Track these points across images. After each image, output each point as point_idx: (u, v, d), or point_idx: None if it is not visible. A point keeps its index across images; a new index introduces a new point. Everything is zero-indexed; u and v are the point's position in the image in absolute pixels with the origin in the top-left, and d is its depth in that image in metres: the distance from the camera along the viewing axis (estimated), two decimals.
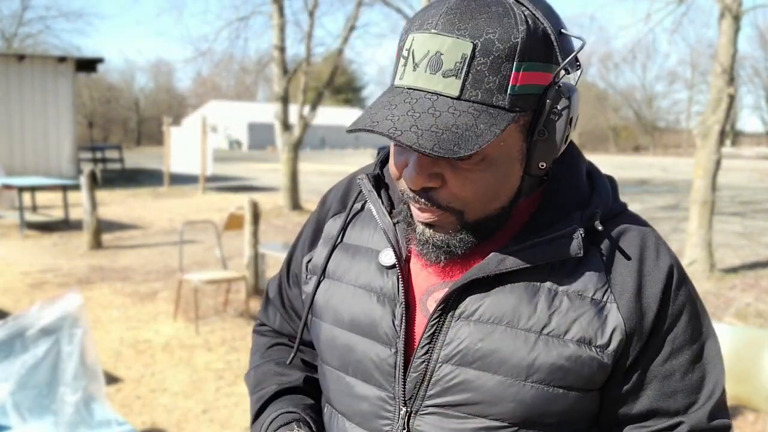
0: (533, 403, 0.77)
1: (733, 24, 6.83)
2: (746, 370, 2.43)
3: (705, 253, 7.01)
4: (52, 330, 2.80)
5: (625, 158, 36.95)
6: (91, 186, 8.07)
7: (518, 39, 0.70)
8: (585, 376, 0.77)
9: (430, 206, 0.77)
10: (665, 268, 0.80)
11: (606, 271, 0.79)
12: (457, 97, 0.70)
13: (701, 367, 0.81)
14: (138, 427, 3.33)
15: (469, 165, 0.73)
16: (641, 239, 0.82)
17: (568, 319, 0.77)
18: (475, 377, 0.78)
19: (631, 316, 0.78)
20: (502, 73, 0.70)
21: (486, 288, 0.79)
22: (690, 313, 0.81)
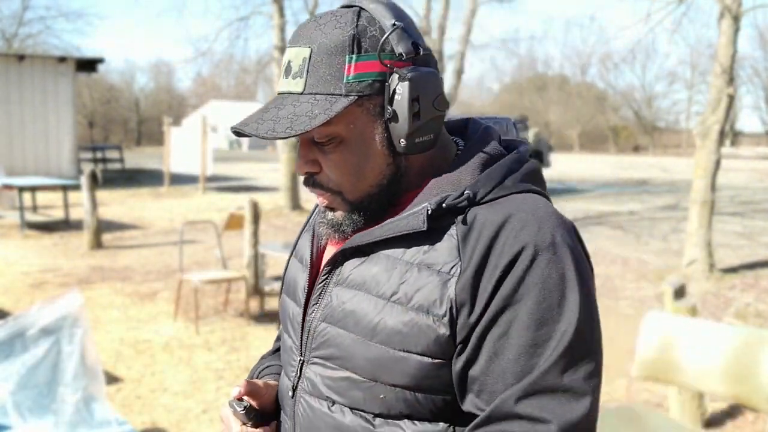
0: (378, 362, 0.85)
1: (732, 24, 6.83)
2: (746, 370, 2.43)
3: (704, 253, 7.02)
4: (52, 330, 2.81)
5: (624, 158, 36.93)
6: (92, 186, 8.08)
7: (346, 37, 0.84)
8: (422, 342, 0.83)
9: (315, 189, 0.91)
10: (516, 247, 0.81)
11: (460, 248, 0.83)
12: (301, 93, 0.85)
13: (537, 353, 0.79)
14: (138, 426, 3.33)
15: (331, 148, 0.87)
16: (504, 220, 0.83)
17: (413, 288, 0.84)
18: (337, 335, 0.89)
19: (464, 290, 0.81)
20: (335, 66, 0.84)
21: (362, 256, 0.90)
22: (541, 297, 0.80)
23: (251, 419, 0.97)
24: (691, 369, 2.54)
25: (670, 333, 2.62)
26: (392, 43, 0.85)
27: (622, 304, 5.84)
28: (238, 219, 5.66)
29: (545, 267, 0.81)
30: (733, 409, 3.59)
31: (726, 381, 2.47)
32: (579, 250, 0.86)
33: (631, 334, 4.70)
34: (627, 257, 7.94)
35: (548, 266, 0.81)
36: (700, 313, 4.92)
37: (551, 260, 0.81)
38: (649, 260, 7.81)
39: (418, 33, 0.90)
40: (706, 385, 2.57)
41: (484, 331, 0.81)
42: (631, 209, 12.89)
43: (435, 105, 0.86)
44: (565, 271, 0.82)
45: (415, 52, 0.85)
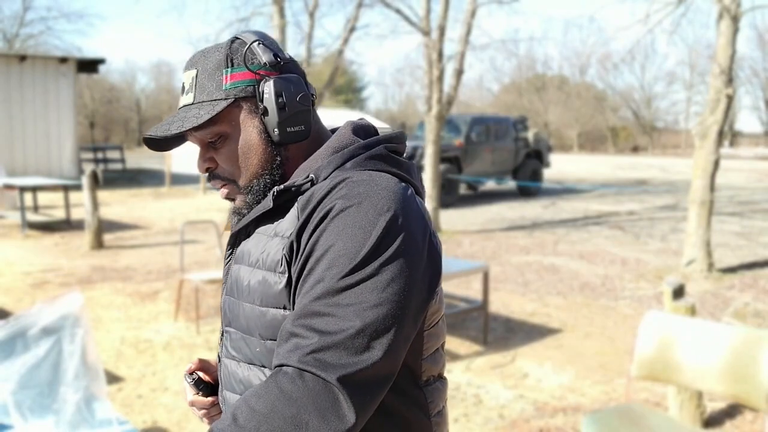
0: (248, 317, 1.03)
1: (731, 25, 6.84)
2: (744, 370, 2.44)
3: (703, 253, 7.03)
4: (53, 330, 2.82)
5: (623, 158, 36.91)
6: (93, 186, 8.09)
7: (223, 56, 1.06)
8: (272, 295, 1.00)
9: (216, 182, 1.10)
10: (327, 207, 0.95)
11: (299, 216, 0.99)
12: (191, 103, 1.06)
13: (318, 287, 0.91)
14: (139, 426, 3.34)
15: (219, 145, 1.07)
16: (325, 190, 0.98)
17: (265, 253, 1.03)
18: (229, 302, 1.10)
19: (290, 246, 0.98)
20: (216, 78, 1.05)
21: (246, 237, 1.10)
22: (335, 245, 0.92)
23: (201, 390, 1.17)
24: (690, 368, 2.55)
25: (669, 333, 2.63)
26: (258, 57, 1.06)
27: (621, 304, 5.85)
28: None
29: (345, 218, 0.94)
30: (732, 408, 3.60)
31: (725, 380, 2.48)
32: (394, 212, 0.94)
33: (630, 334, 4.72)
34: (626, 257, 7.95)
35: (347, 217, 0.93)
36: (699, 313, 4.93)
37: (352, 213, 0.93)
38: (648, 260, 7.82)
39: (279, 48, 1.10)
40: (705, 385, 2.58)
41: (297, 277, 0.97)
42: (630, 209, 12.90)
43: (299, 101, 1.06)
44: (365, 223, 0.93)
45: (276, 61, 1.06)
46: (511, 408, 3.61)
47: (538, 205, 13.42)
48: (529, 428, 3.38)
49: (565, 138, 48.35)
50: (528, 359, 4.39)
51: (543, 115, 47.15)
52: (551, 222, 10.99)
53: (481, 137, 14.68)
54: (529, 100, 48.43)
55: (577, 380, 4.06)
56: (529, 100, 48.17)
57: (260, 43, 1.07)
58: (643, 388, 3.84)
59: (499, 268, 7.13)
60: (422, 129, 13.41)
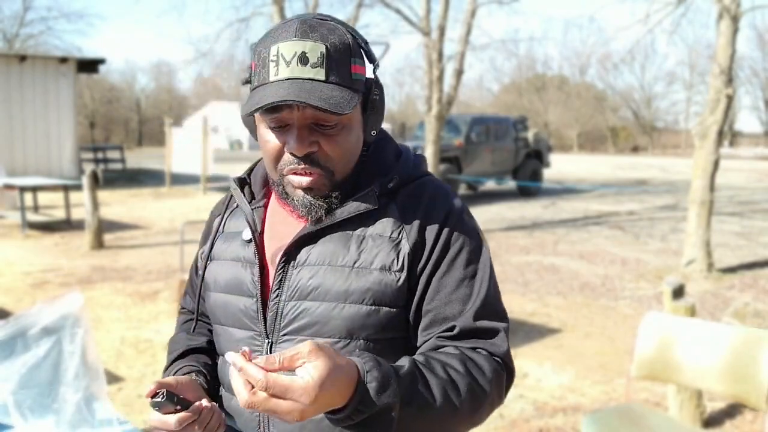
0: (353, 319, 1.02)
1: (731, 25, 6.84)
2: (744, 370, 2.44)
3: (703, 252, 7.03)
4: (53, 329, 2.81)
5: (623, 158, 36.91)
6: (93, 186, 8.09)
7: (349, 42, 1.02)
8: (388, 294, 1.03)
9: (312, 167, 1.03)
10: (443, 211, 1.08)
11: (400, 217, 1.06)
12: (324, 81, 0.98)
13: (470, 284, 1.06)
14: (139, 426, 3.35)
15: (335, 131, 1.02)
16: (428, 193, 1.10)
17: (372, 254, 1.04)
18: (310, 306, 1.04)
19: (415, 245, 1.05)
20: (346, 64, 1.01)
21: (314, 241, 1.07)
22: (463, 244, 1.07)
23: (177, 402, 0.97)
24: (690, 368, 2.55)
25: (669, 333, 2.63)
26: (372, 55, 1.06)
27: (621, 304, 5.85)
28: None
29: (463, 222, 1.10)
30: (732, 408, 3.60)
31: (725, 380, 2.48)
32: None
33: (630, 334, 4.72)
34: (626, 257, 7.95)
35: (466, 222, 1.10)
36: (699, 313, 4.93)
37: (466, 219, 1.11)
38: (648, 260, 7.82)
39: None
40: (704, 385, 2.58)
41: (431, 273, 1.06)
42: (630, 209, 12.90)
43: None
44: (475, 226, 1.12)
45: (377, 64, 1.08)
46: (510, 408, 3.61)
47: (538, 205, 13.42)
48: (528, 428, 3.38)
49: (565, 138, 48.35)
50: (528, 359, 4.39)
51: (543, 115, 47.15)
52: (551, 222, 10.99)
53: (481, 137, 14.68)
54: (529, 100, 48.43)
55: (577, 380, 4.06)
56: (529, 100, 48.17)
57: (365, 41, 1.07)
58: (643, 388, 3.84)
59: (499, 268, 7.14)
60: (422, 129, 13.40)
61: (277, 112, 0.99)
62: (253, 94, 1.01)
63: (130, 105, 50.71)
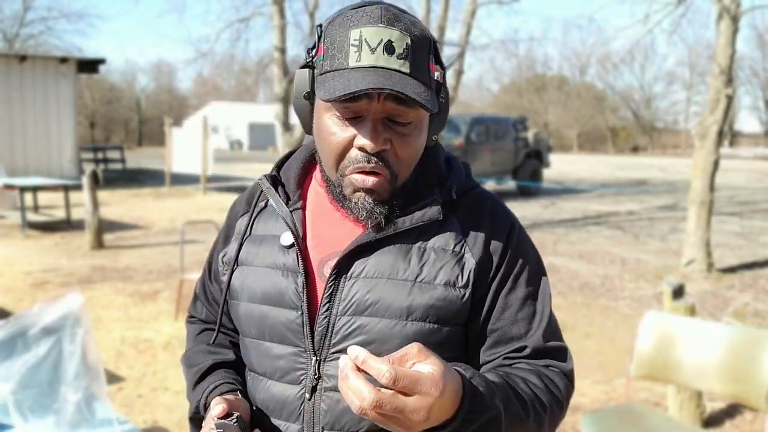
0: (415, 338, 0.93)
1: (731, 25, 6.85)
2: (744, 370, 2.44)
3: (703, 253, 7.03)
4: (53, 329, 2.82)
5: (623, 159, 36.90)
6: (93, 186, 8.09)
7: (429, 38, 0.96)
8: (453, 311, 0.97)
9: (380, 168, 0.94)
10: (507, 226, 1.04)
11: (462, 230, 1.01)
12: (409, 74, 0.90)
13: (534, 302, 1.03)
14: (139, 426, 3.35)
15: (408, 130, 0.94)
16: (489, 206, 1.05)
17: (435, 268, 0.97)
18: (367, 322, 0.96)
19: (480, 261, 1.00)
20: (427, 60, 0.94)
21: (369, 252, 0.98)
22: (526, 260, 1.04)
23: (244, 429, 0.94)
24: (689, 368, 2.56)
25: (669, 333, 2.63)
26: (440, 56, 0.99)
27: (620, 304, 5.85)
28: None
29: (524, 238, 1.07)
30: (732, 408, 3.61)
31: (724, 380, 2.49)
32: None
33: (630, 334, 4.71)
34: (626, 257, 7.95)
35: (526, 238, 1.08)
36: (699, 313, 4.93)
37: (525, 235, 1.08)
38: (648, 260, 7.82)
39: None
40: (704, 385, 2.58)
41: (496, 290, 1.01)
42: (629, 209, 12.90)
43: None
44: (532, 242, 1.09)
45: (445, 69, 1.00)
46: None
47: (537, 205, 13.41)
48: None
49: (565, 138, 48.36)
50: None
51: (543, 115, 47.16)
52: (551, 222, 10.99)
53: (481, 137, 14.68)
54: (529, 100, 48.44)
55: (576, 380, 4.06)
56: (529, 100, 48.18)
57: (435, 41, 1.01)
58: (643, 387, 3.84)
59: None
60: None
61: (354, 101, 0.89)
62: (325, 79, 0.92)
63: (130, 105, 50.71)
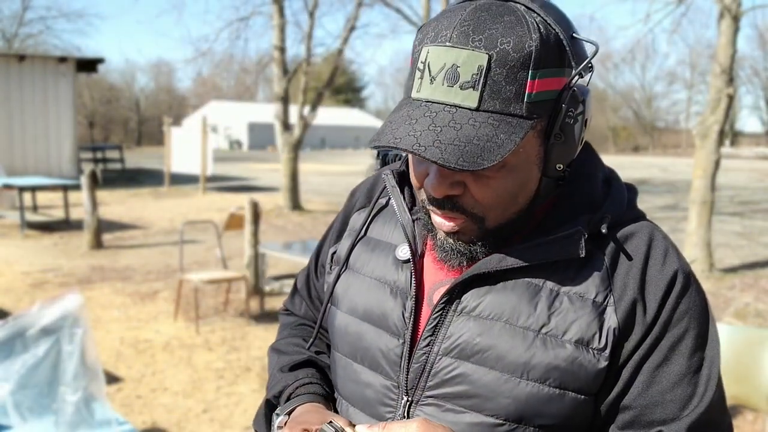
0: (528, 402, 0.77)
1: (732, 24, 6.84)
2: (745, 370, 2.43)
3: (704, 252, 7.02)
4: (52, 330, 2.81)
5: (624, 158, 36.92)
6: (92, 186, 8.08)
7: (532, 47, 0.71)
8: (581, 377, 0.77)
9: (454, 212, 0.78)
10: (669, 273, 0.79)
11: (609, 275, 0.79)
12: (476, 109, 0.71)
13: (693, 381, 0.79)
14: (138, 426, 3.34)
15: (491, 173, 0.75)
16: (648, 245, 0.81)
17: (567, 320, 0.78)
18: (473, 371, 0.79)
19: (626, 320, 0.78)
20: (518, 81, 0.71)
21: (489, 284, 0.80)
22: (691, 323, 0.79)
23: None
24: None
25: None
26: (571, 58, 0.74)
27: None
28: (238, 219, 5.67)
29: (694, 294, 0.81)
30: (733, 408, 3.60)
31: (725, 381, 2.48)
32: None
33: None
34: None
35: (696, 293, 0.81)
36: None
37: (696, 288, 0.82)
38: None
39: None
40: None
41: (642, 359, 0.79)
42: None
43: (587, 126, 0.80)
44: (705, 299, 0.83)
45: (590, 65, 0.76)
46: None
47: None
48: None
49: None
50: None
51: None
52: None
53: None
54: None
55: None
56: None
57: (572, 36, 0.75)
58: None
59: None
60: None
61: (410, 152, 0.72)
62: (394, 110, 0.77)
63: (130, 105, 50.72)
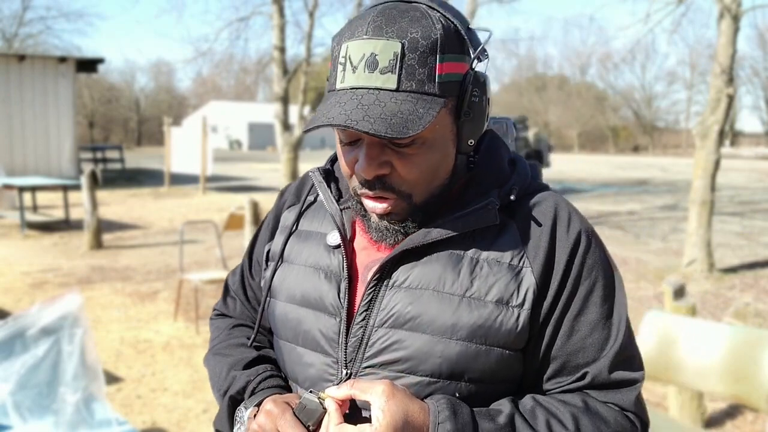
0: (458, 359, 0.86)
1: (732, 24, 6.84)
2: (745, 370, 2.43)
3: (704, 253, 7.02)
4: (52, 330, 2.81)
5: (624, 158, 36.94)
6: (92, 186, 8.08)
7: (437, 35, 0.82)
8: (504, 333, 0.87)
9: (385, 192, 0.86)
10: (575, 234, 0.90)
11: (521, 240, 0.90)
12: (396, 90, 0.81)
13: (607, 325, 0.90)
14: (138, 426, 3.34)
15: (413, 149, 0.84)
16: (554, 210, 0.92)
17: (488, 282, 0.87)
18: (406, 337, 0.87)
19: (542, 277, 0.88)
20: (428, 65, 0.82)
21: (416, 258, 0.89)
22: (599, 276, 0.90)
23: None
24: (690, 369, 2.55)
25: (670, 333, 2.62)
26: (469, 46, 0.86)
27: None
28: (238, 219, 5.67)
29: (598, 250, 0.92)
30: (733, 408, 3.60)
31: (725, 381, 2.47)
32: None
33: None
34: (626, 257, 7.94)
35: (599, 249, 0.92)
36: (700, 313, 4.92)
37: (598, 244, 0.93)
38: (649, 260, 7.81)
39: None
40: (705, 385, 2.57)
41: (562, 313, 0.89)
42: (630, 209, 12.89)
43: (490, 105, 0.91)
44: (606, 252, 0.94)
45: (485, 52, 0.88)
46: None
47: None
48: None
49: (566, 138, 48.39)
50: None
51: (543, 115, 47.19)
52: None
53: None
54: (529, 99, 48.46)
55: None
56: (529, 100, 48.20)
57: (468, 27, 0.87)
58: (644, 388, 3.82)
59: None
60: None
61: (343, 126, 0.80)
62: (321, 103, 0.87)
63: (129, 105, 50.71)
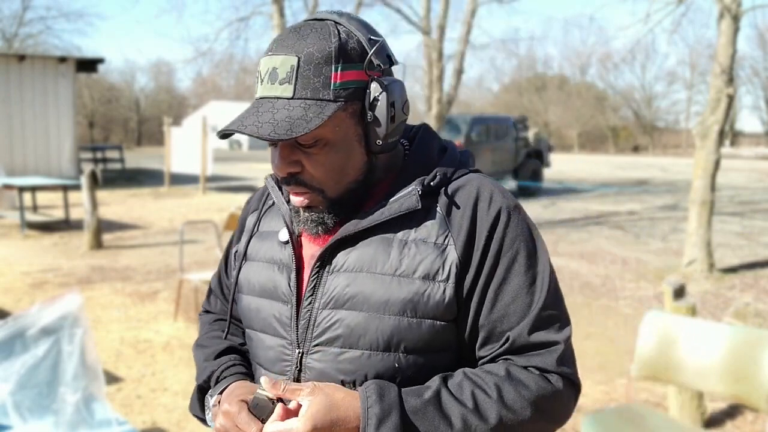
0: (392, 332, 0.96)
1: (732, 24, 6.84)
2: (745, 370, 2.43)
3: (704, 253, 7.02)
4: (52, 330, 2.81)
5: (624, 158, 36.93)
6: (92, 186, 8.08)
7: (332, 48, 0.93)
8: (432, 306, 0.96)
9: (299, 187, 0.98)
10: (495, 210, 0.99)
11: (446, 220, 0.99)
12: (291, 98, 0.93)
13: (530, 292, 0.99)
14: (138, 426, 3.34)
15: (316, 150, 0.96)
16: (477, 191, 1.01)
17: (415, 261, 0.97)
18: (346, 315, 0.98)
19: (464, 252, 0.97)
20: (324, 74, 0.93)
21: (352, 245, 1.00)
22: (520, 247, 0.99)
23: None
24: (690, 369, 2.55)
25: (670, 333, 2.62)
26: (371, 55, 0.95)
27: (621, 304, 5.84)
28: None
29: (520, 223, 1.01)
30: (733, 408, 3.60)
31: (725, 381, 2.48)
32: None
33: (631, 334, 4.71)
34: (626, 257, 7.94)
35: (521, 222, 1.02)
36: (700, 313, 4.92)
37: (521, 217, 1.02)
38: (649, 260, 7.81)
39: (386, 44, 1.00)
40: (705, 385, 2.57)
41: (485, 284, 0.98)
42: (630, 209, 12.89)
43: (404, 110, 0.99)
44: (530, 226, 1.03)
45: (389, 63, 0.99)
46: None
47: (538, 204, 13.40)
48: None
49: (566, 138, 48.37)
50: None
51: (543, 115, 47.17)
52: (551, 222, 10.97)
53: (481, 137, 14.68)
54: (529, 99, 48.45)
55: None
56: (529, 100, 48.19)
57: (370, 38, 0.96)
58: (644, 388, 3.84)
59: None
60: None
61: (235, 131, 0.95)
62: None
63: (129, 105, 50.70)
